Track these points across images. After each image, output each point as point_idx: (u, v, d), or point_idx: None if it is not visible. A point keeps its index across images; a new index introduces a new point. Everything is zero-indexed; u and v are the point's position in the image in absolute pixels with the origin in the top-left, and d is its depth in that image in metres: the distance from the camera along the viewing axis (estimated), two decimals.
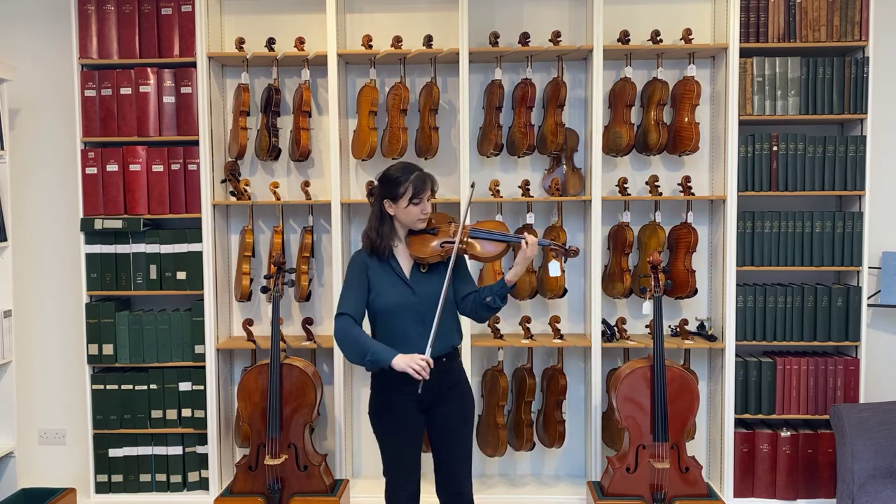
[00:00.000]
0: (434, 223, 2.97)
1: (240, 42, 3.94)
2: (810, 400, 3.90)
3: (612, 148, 3.90)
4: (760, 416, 3.93)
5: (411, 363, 2.73)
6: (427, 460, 3.12)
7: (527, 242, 2.88)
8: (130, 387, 4.01)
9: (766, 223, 3.87)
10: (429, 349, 2.77)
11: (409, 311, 2.88)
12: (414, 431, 2.97)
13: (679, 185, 3.95)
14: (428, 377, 2.74)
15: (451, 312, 2.96)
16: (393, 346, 2.81)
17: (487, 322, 3.98)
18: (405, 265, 2.94)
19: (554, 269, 3.10)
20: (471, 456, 3.07)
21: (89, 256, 3.99)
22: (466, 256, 3.00)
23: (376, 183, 2.96)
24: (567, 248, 2.97)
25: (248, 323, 4.02)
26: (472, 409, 3.09)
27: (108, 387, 4.01)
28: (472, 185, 3.10)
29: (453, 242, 2.89)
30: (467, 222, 2.96)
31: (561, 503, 3.93)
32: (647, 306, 3.64)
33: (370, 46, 3.90)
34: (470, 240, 2.94)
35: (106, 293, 4.03)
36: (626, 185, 3.94)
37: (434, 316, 2.82)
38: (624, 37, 3.86)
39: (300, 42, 3.91)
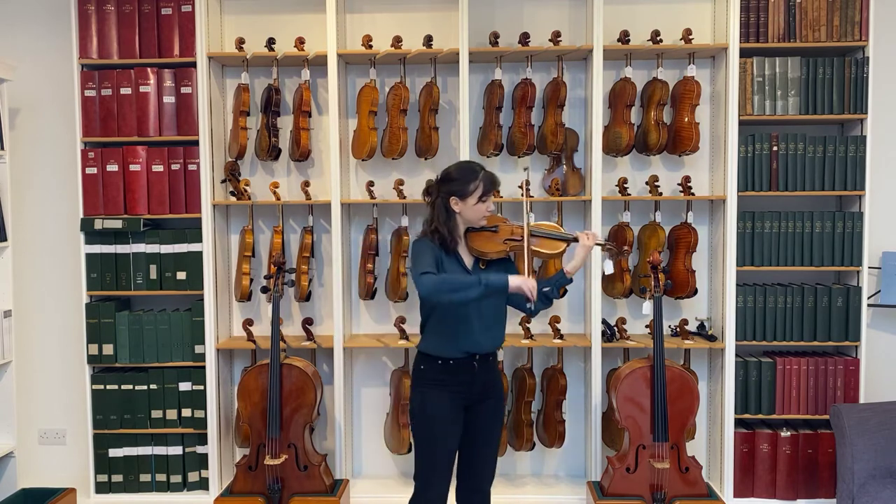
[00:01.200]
0: (490, 222, 3.04)
1: (240, 42, 3.94)
2: (810, 400, 3.90)
3: (612, 148, 3.90)
4: (760, 416, 3.93)
5: (526, 282, 2.81)
6: None
7: (588, 237, 3.03)
8: (130, 387, 4.01)
9: (766, 223, 3.87)
10: (527, 277, 2.86)
11: (474, 307, 2.92)
12: (457, 432, 3.01)
13: (679, 185, 3.95)
14: (535, 300, 2.85)
15: (504, 311, 3.08)
16: (451, 338, 2.92)
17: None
18: (467, 259, 3.02)
19: (608, 267, 3.21)
20: (497, 457, 3.15)
21: (89, 256, 3.99)
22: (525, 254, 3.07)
23: (437, 180, 3.00)
24: (622, 248, 3.22)
25: (248, 323, 4.02)
26: (504, 409, 3.18)
27: (108, 387, 4.01)
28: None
29: (517, 240, 2.98)
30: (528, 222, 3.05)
31: (561, 503, 3.93)
32: (647, 306, 3.64)
33: (370, 46, 3.90)
34: (534, 238, 3.04)
35: (106, 293, 4.03)
36: (626, 185, 3.94)
37: (493, 311, 2.96)
38: (624, 37, 3.86)
39: (300, 42, 3.91)
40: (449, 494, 3.08)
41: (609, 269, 3.23)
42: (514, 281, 2.82)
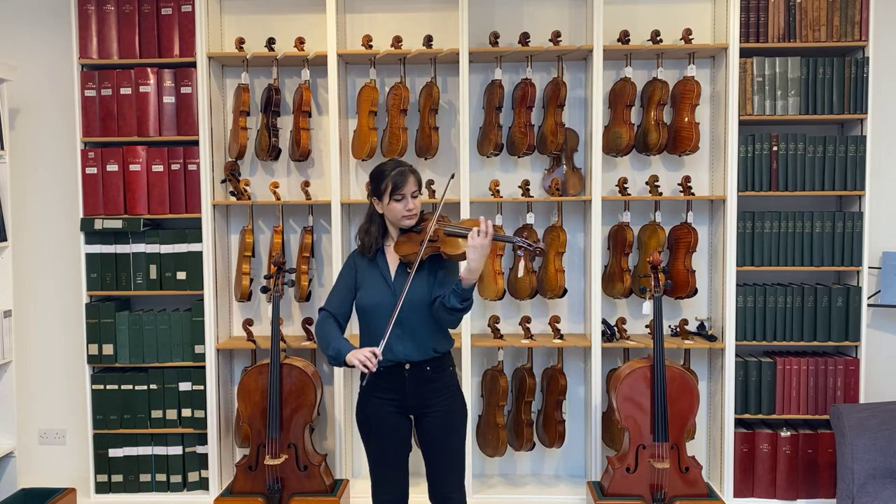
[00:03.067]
0: (422, 221, 2.88)
1: (240, 42, 3.94)
2: (810, 400, 3.90)
3: (612, 148, 3.90)
4: (760, 416, 3.93)
5: (357, 355, 2.72)
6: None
7: (476, 234, 2.68)
8: (130, 387, 4.01)
9: (767, 223, 3.87)
10: (382, 342, 2.73)
11: (387, 311, 2.79)
12: (397, 439, 2.93)
13: (679, 185, 3.95)
14: (374, 369, 2.70)
15: (431, 322, 2.85)
16: (373, 345, 2.78)
17: (488, 322, 3.98)
18: (392, 265, 2.91)
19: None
20: (462, 465, 3.02)
21: (89, 256, 3.99)
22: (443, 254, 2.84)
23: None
24: (534, 246, 2.76)
25: (248, 323, 4.02)
26: (462, 418, 3.00)
27: (108, 387, 4.01)
28: (452, 177, 3.11)
29: (430, 241, 2.79)
30: (441, 219, 2.84)
31: (561, 503, 3.93)
32: (647, 306, 3.64)
33: (370, 46, 3.90)
34: (446, 237, 2.79)
35: (106, 293, 4.03)
36: (626, 185, 3.94)
37: (414, 320, 2.81)
38: (624, 37, 3.86)
39: (300, 42, 3.91)
40: (423, 498, 3.06)
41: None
42: (349, 357, 2.74)
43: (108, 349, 4.00)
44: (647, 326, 4.01)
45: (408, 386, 2.88)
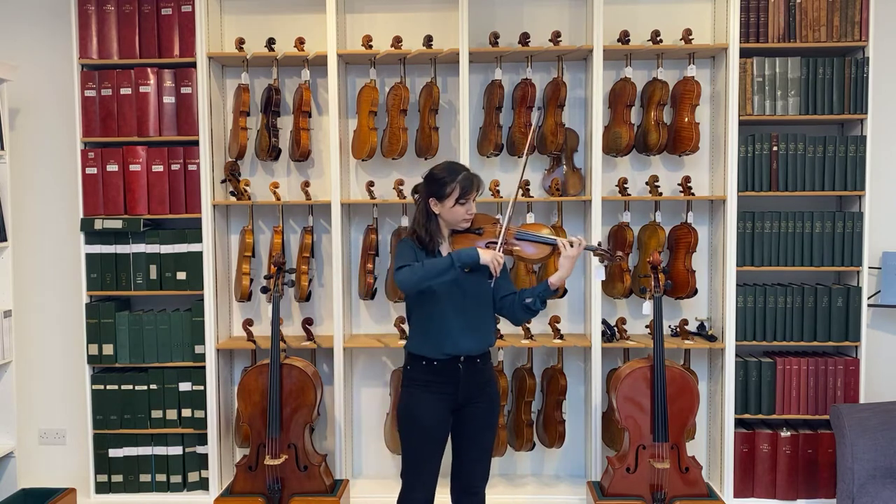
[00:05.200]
0: (478, 223, 2.99)
1: (240, 42, 3.94)
2: (810, 400, 3.90)
3: (612, 148, 3.90)
4: (760, 416, 3.93)
5: (495, 258, 2.80)
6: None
7: (571, 244, 2.91)
8: (130, 387, 4.01)
9: (767, 223, 3.87)
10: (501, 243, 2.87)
11: (452, 307, 2.89)
12: (440, 436, 2.98)
13: (679, 185, 3.95)
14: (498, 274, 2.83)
15: (491, 314, 3.02)
16: (431, 338, 2.88)
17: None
18: None
19: (600, 274, 3.12)
20: (490, 457, 3.09)
21: (89, 256, 3.99)
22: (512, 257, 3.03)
23: (422, 181, 2.98)
24: (615, 253, 3.04)
25: (248, 323, 4.02)
26: (498, 412, 3.11)
27: (108, 387, 4.01)
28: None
29: (497, 242, 2.91)
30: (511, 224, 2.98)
31: (561, 503, 3.93)
32: (647, 306, 3.63)
33: (370, 46, 3.90)
34: (516, 241, 2.98)
35: (106, 293, 4.03)
36: (626, 185, 3.94)
37: (476, 313, 2.92)
38: (624, 37, 3.86)
39: (300, 42, 3.91)
40: (443, 495, 3.08)
41: (601, 275, 3.16)
42: (483, 255, 2.80)
43: (108, 349, 4.00)
44: (647, 326, 4.01)
45: (461, 379, 2.93)
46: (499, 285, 2.99)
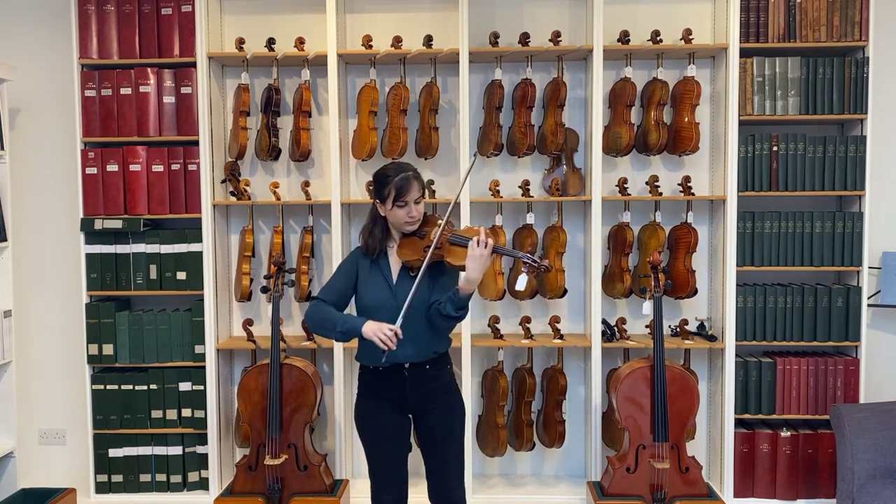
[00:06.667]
0: (425, 226, 2.87)
1: (240, 42, 3.94)
2: (810, 400, 3.90)
3: (612, 148, 3.90)
4: (760, 416, 3.92)
5: (378, 331, 2.68)
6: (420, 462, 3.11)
7: (478, 244, 2.68)
8: (130, 387, 4.01)
9: (766, 223, 3.87)
10: (399, 320, 2.70)
11: (388, 313, 2.76)
12: (397, 437, 2.93)
13: (679, 185, 3.95)
14: (394, 347, 2.67)
15: (429, 323, 2.84)
16: (370, 346, 2.77)
17: (488, 322, 3.98)
18: (395, 267, 2.90)
19: (521, 282, 2.79)
20: (462, 463, 3.03)
21: (89, 256, 3.99)
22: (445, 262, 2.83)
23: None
24: (539, 263, 2.72)
25: (248, 323, 4.02)
26: (461, 417, 3.00)
27: (108, 387, 4.01)
28: (473, 162, 3.05)
29: (433, 247, 2.77)
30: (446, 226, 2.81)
31: (561, 503, 3.93)
32: (647, 306, 3.64)
33: (370, 46, 3.90)
34: (450, 245, 2.80)
35: (106, 293, 4.03)
36: (626, 185, 3.94)
37: (416, 320, 2.77)
38: (624, 37, 3.86)
39: (300, 42, 3.91)
40: (422, 498, 3.06)
41: (521, 284, 2.80)
42: (366, 329, 2.70)
43: (108, 349, 4.00)
44: (647, 326, 4.01)
45: (408, 385, 2.88)
46: (434, 294, 2.82)
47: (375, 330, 2.69)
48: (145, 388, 4.01)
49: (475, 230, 2.78)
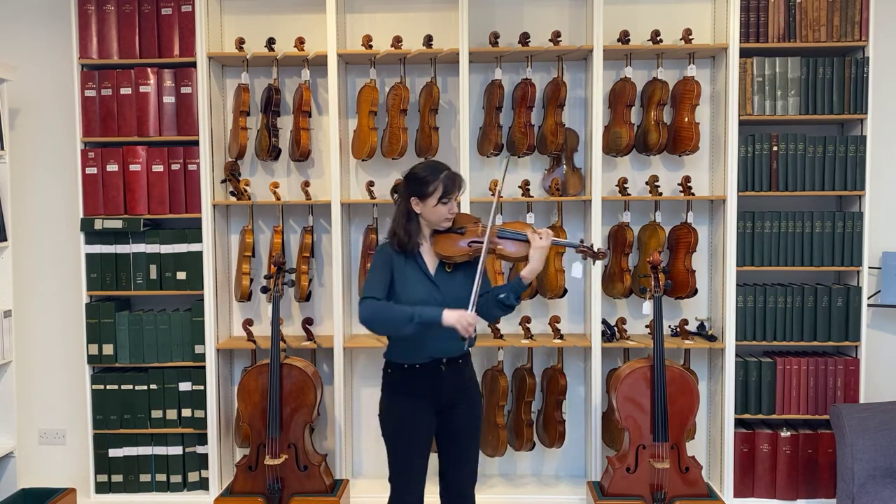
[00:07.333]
0: (459, 223, 2.94)
1: (240, 42, 3.94)
2: (810, 400, 3.90)
3: (612, 148, 3.90)
4: (760, 416, 3.93)
5: (461, 318, 2.71)
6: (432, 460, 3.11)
7: (539, 236, 2.85)
8: (130, 387, 4.01)
9: (767, 223, 3.87)
10: (472, 307, 2.75)
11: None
12: (426, 438, 2.95)
13: (679, 185, 3.95)
14: (474, 335, 2.74)
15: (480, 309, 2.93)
16: (416, 344, 2.82)
17: (488, 323, 3.98)
18: (431, 263, 2.92)
19: (576, 270, 3.00)
20: (477, 459, 3.07)
21: (89, 256, 3.99)
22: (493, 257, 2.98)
23: (402, 180, 2.93)
24: (596, 250, 2.94)
25: (248, 323, 4.02)
26: (481, 412, 3.09)
27: (108, 387, 4.01)
28: (500, 186, 3.10)
29: (481, 242, 2.86)
30: (495, 223, 2.95)
31: (561, 503, 3.94)
32: (647, 306, 3.64)
33: (370, 46, 3.90)
34: (498, 240, 2.93)
35: (106, 293, 4.03)
36: (626, 185, 3.94)
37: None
38: (624, 37, 3.86)
39: (300, 42, 3.91)
40: (431, 496, 3.06)
41: (577, 272, 3.02)
42: (448, 317, 2.71)
43: (108, 349, 4.00)
44: (647, 326, 4.01)
45: (445, 381, 2.90)
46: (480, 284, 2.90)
47: (458, 318, 2.71)
48: (145, 388, 4.01)
49: (523, 224, 2.98)
